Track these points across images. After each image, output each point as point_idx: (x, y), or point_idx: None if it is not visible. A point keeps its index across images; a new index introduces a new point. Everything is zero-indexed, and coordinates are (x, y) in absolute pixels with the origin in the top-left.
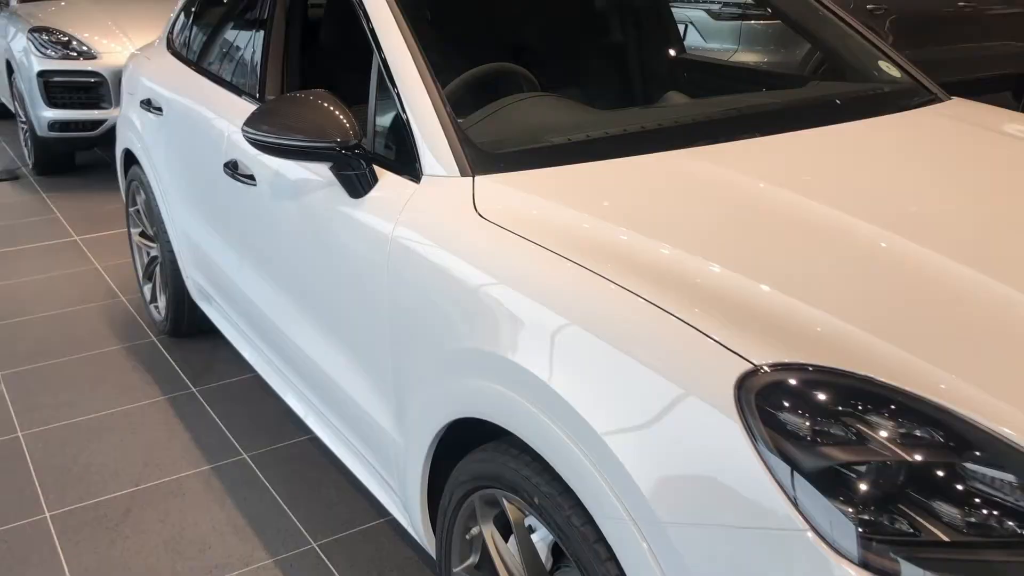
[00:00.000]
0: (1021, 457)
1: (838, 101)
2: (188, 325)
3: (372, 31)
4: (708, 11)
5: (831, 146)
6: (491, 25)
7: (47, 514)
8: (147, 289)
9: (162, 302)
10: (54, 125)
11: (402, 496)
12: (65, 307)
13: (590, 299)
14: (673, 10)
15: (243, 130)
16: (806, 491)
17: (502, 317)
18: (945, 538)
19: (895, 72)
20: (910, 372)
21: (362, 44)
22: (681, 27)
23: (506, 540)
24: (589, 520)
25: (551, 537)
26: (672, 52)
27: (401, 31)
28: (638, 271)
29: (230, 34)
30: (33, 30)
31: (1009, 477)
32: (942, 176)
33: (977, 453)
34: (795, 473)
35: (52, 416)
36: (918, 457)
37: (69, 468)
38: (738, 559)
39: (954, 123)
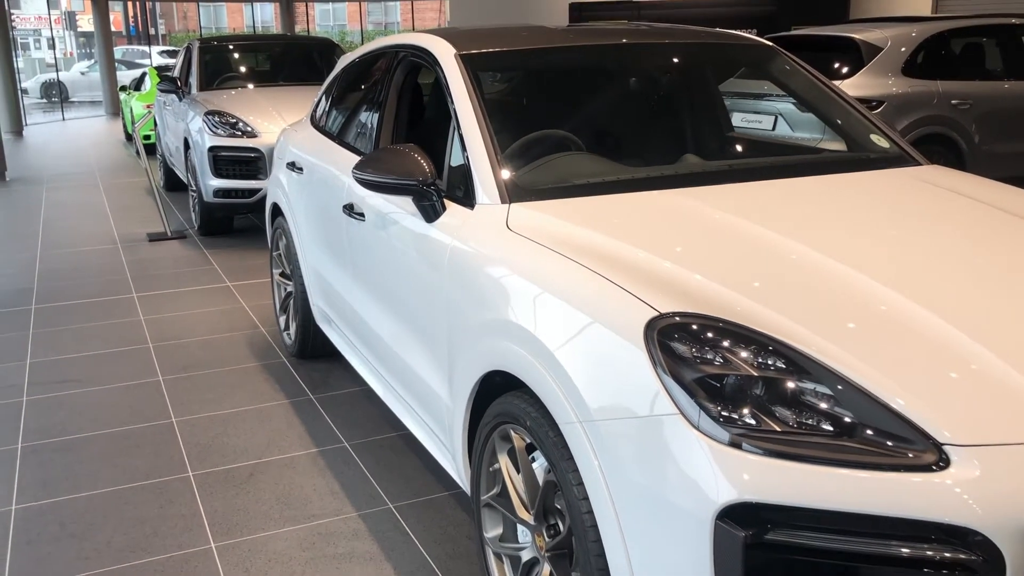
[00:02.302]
0: (836, 378)
1: (814, 160)
2: (312, 348)
3: (454, 109)
4: (795, 104)
5: (788, 190)
6: (554, 100)
7: (190, 473)
8: (282, 319)
9: (292, 329)
10: (218, 192)
11: (451, 448)
12: (216, 334)
13: (572, 280)
14: (766, 102)
15: (352, 172)
16: (683, 394)
17: (513, 295)
18: (777, 428)
19: (884, 143)
20: (769, 323)
21: (449, 116)
22: (771, 118)
23: (518, 472)
24: (558, 432)
25: (546, 464)
26: (702, 124)
27: (473, 108)
28: (606, 261)
29: (355, 110)
30: (208, 113)
31: (827, 390)
32: (865, 209)
33: (808, 375)
34: (678, 383)
35: (199, 408)
36: (765, 375)
37: (209, 444)
38: (638, 438)
39: (904, 178)
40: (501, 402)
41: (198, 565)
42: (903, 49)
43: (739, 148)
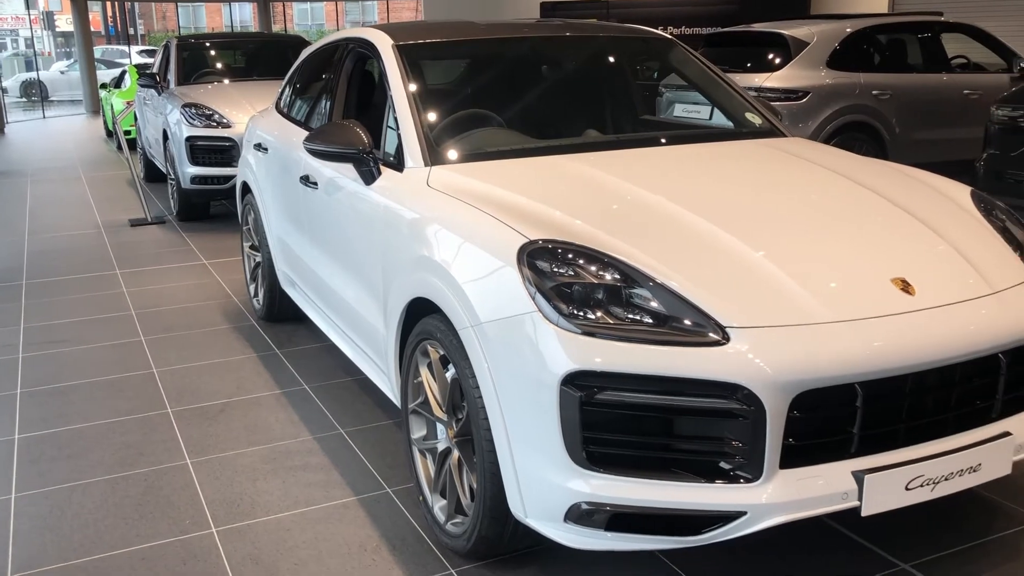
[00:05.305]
0: (655, 284)
1: (693, 134)
2: (278, 311)
3: (389, 91)
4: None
5: (661, 155)
6: (478, 84)
7: (169, 410)
8: (251, 287)
9: (261, 296)
10: (195, 179)
11: (386, 371)
12: (192, 302)
13: (471, 221)
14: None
15: (303, 143)
16: (543, 299)
17: (429, 236)
18: (611, 321)
19: (758, 120)
20: (610, 246)
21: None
22: (708, 108)
23: (435, 381)
24: (459, 340)
25: (454, 372)
26: (608, 105)
27: (404, 88)
28: (498, 206)
29: (312, 95)
30: (185, 105)
31: (648, 293)
32: (714, 167)
33: (635, 282)
34: (539, 291)
35: (177, 361)
36: (604, 283)
37: (186, 388)
38: (511, 334)
39: (760, 146)
40: (422, 323)
41: (176, 476)
42: (828, 44)
43: (638, 126)
